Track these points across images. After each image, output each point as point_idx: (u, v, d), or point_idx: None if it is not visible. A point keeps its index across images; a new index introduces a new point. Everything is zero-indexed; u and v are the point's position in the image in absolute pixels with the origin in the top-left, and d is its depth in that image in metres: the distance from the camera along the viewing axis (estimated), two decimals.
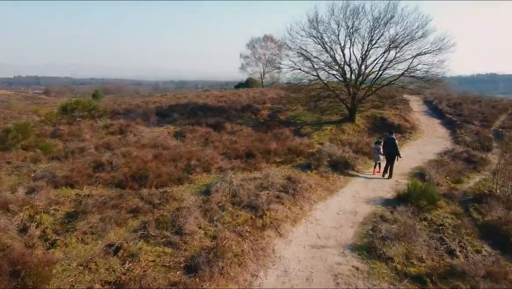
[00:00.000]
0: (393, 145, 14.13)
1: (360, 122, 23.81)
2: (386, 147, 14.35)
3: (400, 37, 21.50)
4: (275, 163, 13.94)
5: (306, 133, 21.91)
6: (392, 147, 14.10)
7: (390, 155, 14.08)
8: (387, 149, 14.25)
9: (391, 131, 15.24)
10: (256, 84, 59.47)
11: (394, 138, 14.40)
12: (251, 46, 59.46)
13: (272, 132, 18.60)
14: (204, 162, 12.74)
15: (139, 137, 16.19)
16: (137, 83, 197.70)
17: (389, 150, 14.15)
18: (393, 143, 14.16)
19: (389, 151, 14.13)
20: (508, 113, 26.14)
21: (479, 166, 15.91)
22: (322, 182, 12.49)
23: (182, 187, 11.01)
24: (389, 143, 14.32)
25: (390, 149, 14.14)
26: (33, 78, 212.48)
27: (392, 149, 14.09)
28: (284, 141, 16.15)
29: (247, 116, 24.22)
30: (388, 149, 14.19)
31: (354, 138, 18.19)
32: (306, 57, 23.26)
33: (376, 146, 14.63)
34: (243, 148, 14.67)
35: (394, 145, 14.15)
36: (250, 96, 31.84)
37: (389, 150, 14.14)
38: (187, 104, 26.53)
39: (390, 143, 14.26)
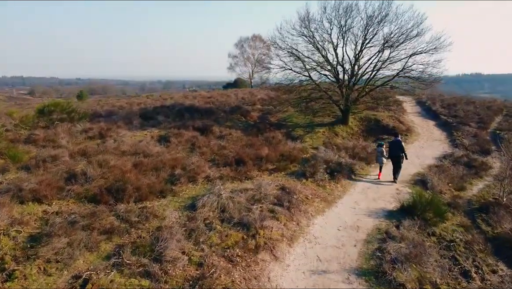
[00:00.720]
0: (399, 147, 13.51)
1: (353, 125, 22.92)
2: (391, 149, 13.74)
3: (395, 36, 20.68)
4: (267, 170, 12.88)
5: (298, 136, 20.91)
6: (398, 150, 13.50)
7: (396, 158, 13.50)
8: (392, 151, 13.66)
9: (396, 133, 14.70)
10: (244, 84, 58.38)
11: (400, 141, 13.81)
12: (239, 46, 58.34)
13: (263, 136, 17.55)
14: (190, 171, 11.59)
15: (119, 143, 14.94)
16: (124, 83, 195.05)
17: (395, 153, 13.54)
18: (400, 146, 13.55)
19: (395, 153, 13.52)
20: (503, 114, 25.59)
21: (480, 170, 15.19)
22: (318, 192, 11.48)
23: (164, 200, 9.86)
24: (394, 145, 13.68)
25: (396, 152, 13.52)
26: (19, 78, 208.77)
27: (398, 152, 13.48)
28: (276, 146, 15.10)
29: (236, 118, 23.11)
30: (393, 152, 13.58)
31: (350, 143, 17.25)
32: (297, 57, 22.26)
33: (378, 148, 14.01)
34: (233, 154, 13.58)
35: (400, 147, 13.53)
36: (239, 97, 30.69)
37: (395, 153, 13.52)
38: (173, 105, 25.25)
39: (396, 145, 13.62)
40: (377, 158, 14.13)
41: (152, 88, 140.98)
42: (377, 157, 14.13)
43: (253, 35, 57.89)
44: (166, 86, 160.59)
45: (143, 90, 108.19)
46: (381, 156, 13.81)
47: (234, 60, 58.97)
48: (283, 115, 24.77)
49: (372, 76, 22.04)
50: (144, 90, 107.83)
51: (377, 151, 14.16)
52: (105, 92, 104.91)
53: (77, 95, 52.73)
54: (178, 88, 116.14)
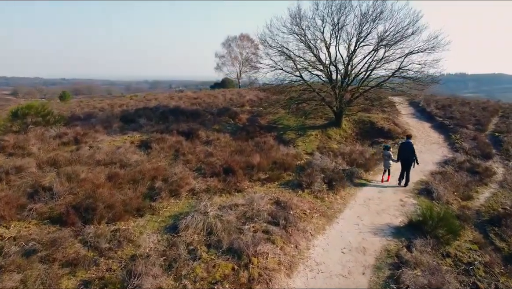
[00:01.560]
0: (410, 150, 12.76)
1: (347, 127, 21.87)
2: (401, 151, 13.06)
3: (390, 35, 19.69)
4: (259, 180, 11.66)
5: (290, 140, 19.78)
6: (409, 152, 12.77)
7: (407, 161, 12.82)
8: (402, 154, 12.96)
9: (408, 135, 13.91)
10: (232, 84, 57.14)
11: (411, 143, 13.07)
12: (227, 45, 57.04)
13: (253, 140, 16.30)
14: (172, 183, 10.28)
15: (95, 150, 13.52)
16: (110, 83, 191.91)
17: (405, 156, 12.84)
18: (411, 148, 12.78)
19: (406, 157, 12.82)
20: (499, 115, 24.90)
21: (485, 177, 14.26)
22: (317, 205, 10.30)
23: (141, 220, 8.53)
24: (405, 148, 12.97)
25: (406, 155, 12.82)
26: (2, 78, 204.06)
27: (408, 155, 12.77)
28: (268, 152, 13.89)
29: (224, 121, 21.82)
30: (404, 155, 12.88)
31: (346, 148, 16.12)
32: (288, 56, 21.11)
33: (385, 152, 13.40)
34: (221, 162, 12.30)
35: (411, 150, 12.76)
36: (227, 98, 29.39)
37: (406, 156, 12.82)
38: (157, 107, 23.81)
39: (407, 148, 12.90)
40: (384, 162, 13.47)
41: (139, 88, 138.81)
42: (384, 161, 13.46)
43: (240, 35, 56.76)
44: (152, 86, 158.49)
45: (129, 90, 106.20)
46: (388, 159, 13.18)
47: (221, 60, 57.70)
48: (274, 117, 23.60)
49: (366, 76, 21.04)
50: (130, 90, 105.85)
51: (383, 154, 13.48)
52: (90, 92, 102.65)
53: (60, 96, 50.61)
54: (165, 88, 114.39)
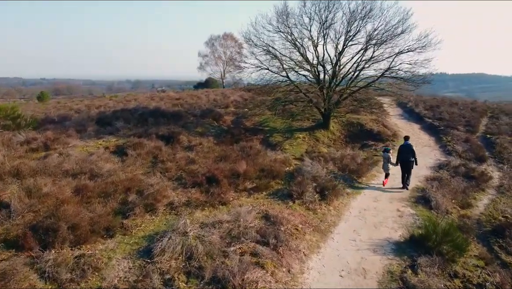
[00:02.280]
0: (410, 152, 12.51)
1: (335, 129, 21.10)
2: (400, 154, 12.72)
3: (379, 33, 19.00)
4: (246, 190, 10.64)
5: (276, 143, 18.90)
6: (409, 154, 12.49)
7: (406, 164, 12.52)
8: (401, 156, 12.66)
9: (406, 137, 13.41)
10: (216, 84, 55.97)
11: (411, 145, 12.79)
12: (210, 44, 55.78)
13: (239, 144, 15.26)
14: (148, 196, 9.16)
15: (64, 158, 12.28)
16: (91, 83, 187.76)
17: (405, 158, 12.54)
18: (411, 150, 12.53)
19: (406, 159, 12.52)
20: (488, 116, 24.55)
21: (481, 182, 13.67)
22: (309, 219, 9.37)
23: (111, 242, 7.41)
24: (405, 150, 12.66)
25: (406, 157, 12.52)
26: None
27: (408, 157, 12.48)
28: (255, 158, 12.88)
29: (208, 123, 20.73)
30: (404, 157, 12.58)
31: (337, 153, 15.24)
32: (274, 55, 20.20)
33: (384, 154, 13.09)
34: (204, 170, 11.24)
35: (411, 151, 12.52)
36: (210, 98, 28.25)
37: (406, 158, 12.52)
38: (136, 109, 22.53)
39: (407, 150, 12.61)
40: (383, 165, 13.18)
41: (121, 88, 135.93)
42: (383, 164, 13.17)
43: (224, 34, 55.64)
44: (135, 86, 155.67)
45: (111, 91, 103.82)
46: (388, 162, 12.88)
47: (205, 60, 56.44)
48: (260, 119, 22.65)
49: (355, 76, 20.31)
50: (112, 91, 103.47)
51: (383, 157, 13.18)
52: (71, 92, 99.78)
53: (38, 96, 48.42)
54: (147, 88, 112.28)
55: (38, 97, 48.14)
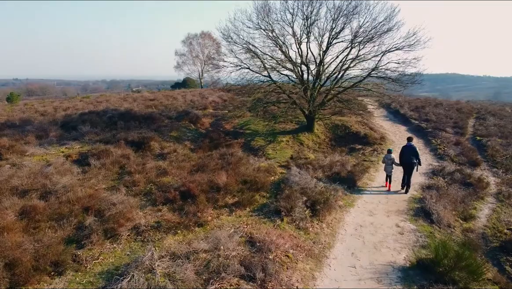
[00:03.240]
0: (413, 153, 11.99)
1: (319, 132, 19.97)
2: (403, 155, 12.21)
3: (365, 31, 17.98)
4: (227, 206, 9.26)
5: (258, 148, 17.59)
6: (412, 156, 11.96)
7: (409, 165, 12.00)
8: (404, 158, 12.14)
9: (409, 138, 12.92)
10: (194, 84, 54.21)
11: (414, 146, 12.26)
12: (187, 43, 53.93)
13: (218, 150, 13.83)
14: (110, 218, 7.68)
15: (16, 170, 10.59)
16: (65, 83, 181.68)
17: (408, 160, 11.98)
18: (414, 152, 12.01)
19: (409, 160, 11.96)
20: (474, 117, 23.97)
21: (479, 189, 12.71)
22: (300, 241, 8.08)
23: (59, 282, 5.91)
24: (407, 151, 12.13)
25: (409, 158, 11.99)
26: None
27: (411, 158, 11.95)
28: (236, 167, 11.49)
29: (184, 126, 19.21)
30: (407, 159, 12.04)
31: (325, 160, 14.00)
32: (255, 53, 18.89)
33: (388, 155, 12.54)
34: (177, 184, 9.80)
35: (414, 153, 12.00)
36: (187, 99, 26.64)
37: (409, 160, 11.97)
38: (105, 111, 20.74)
39: (410, 151, 12.07)
40: (384, 166, 12.62)
41: (96, 88, 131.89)
42: (385, 166, 12.55)
43: (202, 32, 53.94)
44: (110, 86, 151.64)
45: (86, 91, 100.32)
46: (390, 164, 12.36)
47: (182, 59, 54.51)
48: (240, 122, 21.30)
49: (340, 76, 19.23)
50: (87, 91, 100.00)
51: (386, 158, 12.54)
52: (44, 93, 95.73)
53: (7, 98, 45.31)
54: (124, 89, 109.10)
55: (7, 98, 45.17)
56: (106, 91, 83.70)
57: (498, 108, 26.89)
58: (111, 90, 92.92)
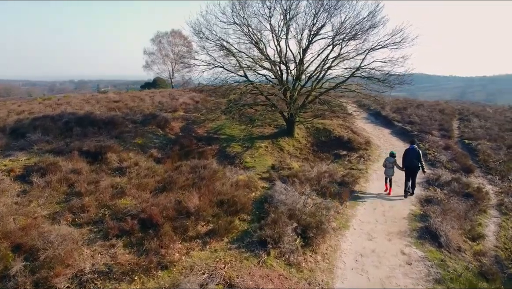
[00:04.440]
0: (416, 156, 11.46)
1: (300, 137, 18.46)
2: (406, 158, 11.67)
3: (349, 27, 16.63)
4: (199, 237, 7.46)
5: (235, 155, 15.90)
6: (415, 159, 11.44)
7: (412, 169, 11.51)
8: (406, 162, 11.62)
9: (412, 140, 12.65)
10: (165, 84, 51.72)
11: (417, 149, 11.70)
12: (157, 41, 51.36)
13: (189, 163, 11.92)
14: (45, 262, 5.77)
15: None
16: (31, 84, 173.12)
17: (411, 163, 11.48)
18: (417, 155, 11.48)
19: (411, 164, 11.47)
20: (457, 118, 23.15)
21: (479, 200, 11.53)
22: (293, 283, 6.43)
23: None
24: (410, 154, 11.60)
25: (412, 162, 11.47)
26: None
27: (414, 162, 11.44)
28: (210, 183, 9.69)
29: (151, 131, 17.19)
30: (409, 162, 11.53)
31: (312, 171, 12.31)
32: (229, 51, 17.16)
33: (389, 158, 11.96)
34: (137, 209, 7.92)
35: (417, 156, 11.46)
36: (155, 101, 24.45)
37: (411, 163, 11.47)
38: (61, 115, 18.38)
39: (412, 154, 11.54)
40: (385, 169, 12.00)
41: (63, 89, 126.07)
42: (386, 169, 11.93)
43: (172, 30, 51.50)
44: (78, 86, 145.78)
45: (53, 91, 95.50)
46: (391, 167, 11.79)
47: (151, 58, 51.87)
48: (214, 125, 19.48)
49: (322, 76, 17.79)
50: (54, 91, 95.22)
51: (387, 162, 11.93)
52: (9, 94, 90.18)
53: None
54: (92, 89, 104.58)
55: None
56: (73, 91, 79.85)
57: (480, 109, 26.30)
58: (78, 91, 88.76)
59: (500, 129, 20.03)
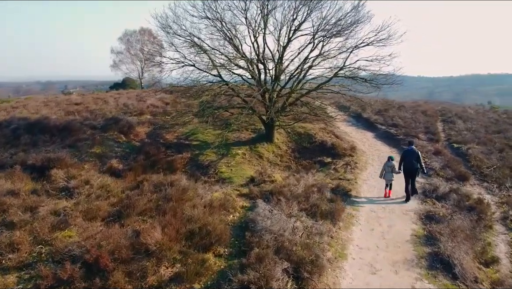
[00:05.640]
0: (416, 158, 11.01)
1: (280, 142, 16.96)
2: (404, 160, 11.22)
3: (331, 23, 15.30)
4: (161, 286, 5.74)
5: (209, 164, 14.24)
6: (414, 161, 10.98)
7: (411, 171, 11.01)
8: (406, 163, 11.14)
9: (411, 141, 12.35)
10: (135, 84, 49.17)
11: (416, 150, 11.31)
12: (125, 40, 48.72)
13: (155, 177, 10.13)
14: None
15: None
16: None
17: (410, 165, 11.00)
18: (416, 156, 11.04)
19: (410, 166, 10.99)
20: (440, 120, 22.27)
21: (482, 214, 10.33)
22: None
23: None
24: (409, 155, 11.16)
25: (410, 164, 11.00)
26: None
27: (414, 164, 10.96)
28: (178, 205, 7.96)
29: (112, 138, 15.22)
30: (408, 164, 11.04)
31: (298, 186, 10.55)
32: (201, 48, 15.43)
33: (388, 162, 11.54)
34: (81, 249, 6.12)
35: (417, 157, 11.02)
36: (120, 103, 22.26)
37: (410, 165, 10.99)
38: (9, 121, 16.06)
39: (411, 155, 11.10)
40: (384, 174, 11.54)
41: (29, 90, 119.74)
42: (384, 173, 11.52)
43: (141, 28, 48.97)
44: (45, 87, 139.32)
45: (19, 93, 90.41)
46: (390, 171, 11.34)
47: (119, 57, 49.18)
48: (185, 130, 17.64)
49: (303, 76, 16.36)
50: (20, 93, 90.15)
51: (386, 166, 11.51)
52: None
53: None
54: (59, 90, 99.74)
55: None
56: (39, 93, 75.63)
57: (461, 110, 25.61)
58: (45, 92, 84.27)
59: (487, 131, 19.24)
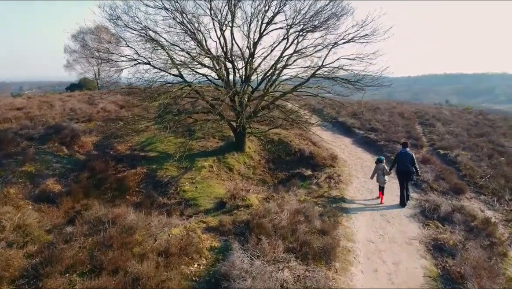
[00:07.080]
0: (410, 160, 10.47)
1: (252, 151, 14.94)
2: (398, 163, 10.68)
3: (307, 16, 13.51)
4: None
5: (168, 181, 11.98)
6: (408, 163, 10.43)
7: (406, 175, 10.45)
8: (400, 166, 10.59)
9: (405, 143, 11.40)
10: (93, 85, 45.61)
11: (410, 152, 10.72)
12: (79, 38, 44.91)
13: (102, 194, 7.74)
14: None
15: None
16: None
17: (404, 168, 10.45)
18: (410, 158, 10.50)
19: (405, 169, 10.43)
20: (418, 123, 21.04)
21: (492, 237, 8.84)
22: None
23: None
24: (403, 158, 10.58)
25: (405, 167, 10.44)
26: None
27: (408, 167, 10.42)
28: (120, 255, 5.70)
29: (51, 151, 12.56)
30: (402, 167, 10.50)
31: (283, 217, 7.93)
32: (158, 43, 13.08)
33: (379, 165, 11.00)
34: None
35: (411, 160, 10.48)
36: (67, 107, 19.42)
37: (404, 168, 10.44)
38: None
39: (406, 158, 10.52)
40: (377, 178, 10.98)
41: None
42: (377, 176, 10.95)
43: (97, 26, 45.33)
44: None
45: None
46: (382, 174, 10.80)
47: (73, 56, 45.30)
48: (141, 139, 15.20)
49: (276, 77, 14.41)
50: None
51: (377, 168, 11.01)
52: None
53: None
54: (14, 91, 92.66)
55: None
56: None
57: (436, 111, 24.68)
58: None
59: (470, 135, 18.17)
